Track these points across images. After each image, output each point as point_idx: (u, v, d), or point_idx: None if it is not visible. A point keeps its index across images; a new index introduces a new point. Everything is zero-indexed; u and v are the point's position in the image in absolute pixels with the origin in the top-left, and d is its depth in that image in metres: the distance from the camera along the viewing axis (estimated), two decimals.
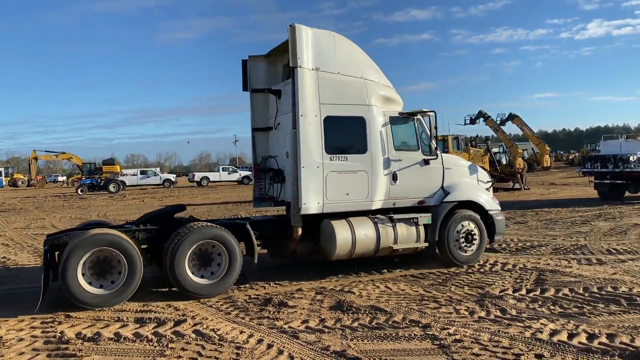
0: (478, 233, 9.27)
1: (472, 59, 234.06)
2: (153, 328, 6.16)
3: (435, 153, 9.17)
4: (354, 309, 6.69)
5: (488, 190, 9.93)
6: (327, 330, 5.94)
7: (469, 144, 34.15)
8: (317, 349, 5.37)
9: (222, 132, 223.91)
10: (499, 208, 9.77)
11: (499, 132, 48.19)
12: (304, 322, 6.29)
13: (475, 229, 9.25)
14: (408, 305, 6.84)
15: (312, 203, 8.11)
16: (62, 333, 6.01)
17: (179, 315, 6.63)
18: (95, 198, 34.78)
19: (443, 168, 9.24)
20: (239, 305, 7.10)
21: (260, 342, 5.63)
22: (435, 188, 9.17)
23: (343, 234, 8.22)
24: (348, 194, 8.38)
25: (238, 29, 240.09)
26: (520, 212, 17.20)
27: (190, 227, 7.56)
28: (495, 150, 33.78)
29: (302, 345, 5.49)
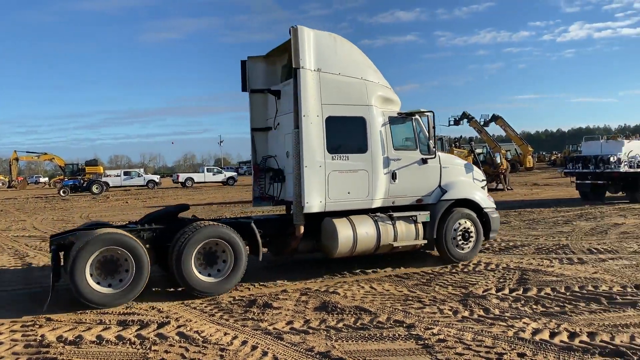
0: (475, 231, 9.42)
1: (456, 61, 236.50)
2: (136, 330, 6.10)
3: (434, 152, 9.26)
4: (339, 310, 6.69)
5: (483, 189, 10.06)
6: (311, 331, 5.94)
7: (453, 145, 34.45)
8: (301, 350, 5.36)
9: (207, 132, 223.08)
10: (494, 206, 9.91)
11: (483, 133, 48.73)
12: (289, 323, 6.27)
13: (472, 227, 9.39)
14: (392, 306, 6.87)
15: (314, 202, 8.17)
16: (42, 336, 5.92)
17: (163, 318, 6.58)
18: (78, 199, 34.35)
19: (440, 167, 9.36)
20: (223, 307, 7.07)
21: (245, 343, 5.61)
22: (433, 187, 9.28)
23: (345, 232, 8.29)
24: (349, 193, 8.46)
25: (223, 29, 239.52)
26: (504, 212, 17.34)
27: (196, 226, 7.61)
28: (479, 151, 34.14)
29: (286, 347, 5.48)
